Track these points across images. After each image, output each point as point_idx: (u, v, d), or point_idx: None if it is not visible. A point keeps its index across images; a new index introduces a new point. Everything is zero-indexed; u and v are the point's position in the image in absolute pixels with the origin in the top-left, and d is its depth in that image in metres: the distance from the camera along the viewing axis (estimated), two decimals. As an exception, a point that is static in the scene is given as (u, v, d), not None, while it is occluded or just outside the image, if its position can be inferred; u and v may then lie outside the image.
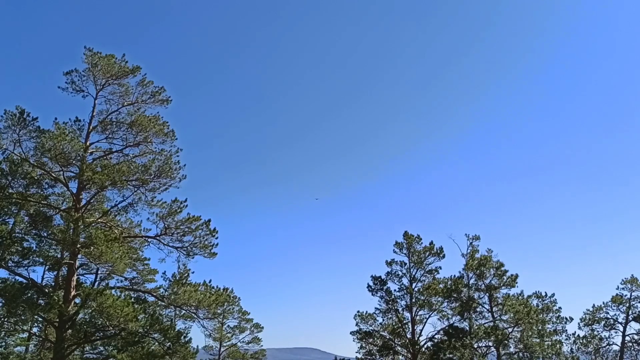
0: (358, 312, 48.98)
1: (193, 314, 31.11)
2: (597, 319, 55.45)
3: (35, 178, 30.05)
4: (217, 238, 30.58)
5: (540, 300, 49.69)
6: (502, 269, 47.85)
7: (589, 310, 55.87)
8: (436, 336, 46.97)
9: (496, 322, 46.68)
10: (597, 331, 55.22)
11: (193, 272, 31.94)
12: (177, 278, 31.73)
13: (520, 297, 47.67)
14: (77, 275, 30.37)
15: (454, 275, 48.88)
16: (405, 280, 49.08)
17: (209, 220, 30.52)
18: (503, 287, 47.79)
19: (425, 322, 47.58)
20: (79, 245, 28.56)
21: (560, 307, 49.60)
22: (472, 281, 48.57)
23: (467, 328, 46.15)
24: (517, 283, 47.79)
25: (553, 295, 50.01)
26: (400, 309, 48.15)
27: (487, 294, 47.76)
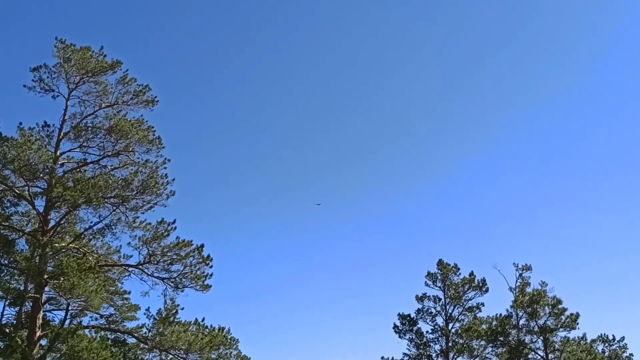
0: (382, 358, 48.78)
1: (182, 360, 31.17)
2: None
3: (-5, 194, 30.30)
4: (211, 267, 30.89)
5: (606, 345, 49.20)
6: (560, 306, 47.68)
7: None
8: (478, 389, 47.10)
9: (553, 372, 46.45)
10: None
11: (182, 309, 32.16)
12: (163, 316, 31.88)
13: (582, 342, 47.45)
14: (43, 311, 30.50)
15: (500, 314, 48.83)
16: (439, 320, 49.08)
17: (202, 246, 30.74)
18: (561, 329, 47.73)
19: (465, 372, 47.14)
20: (46, 276, 28.76)
21: (631, 354, 49.20)
22: (522, 321, 48.36)
23: (517, 379, 45.86)
24: (578, 324, 47.65)
25: (623, 339, 49.50)
26: (433, 355, 48.07)
27: (542, 337, 47.35)
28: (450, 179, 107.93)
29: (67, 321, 33.37)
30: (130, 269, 31.79)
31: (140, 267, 30.95)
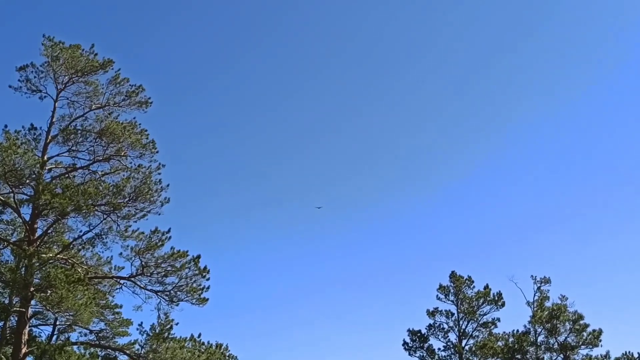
0: (391, 377, 48.29)
1: (177, 379, 30.94)
2: None
3: (-22, 202, 30.13)
4: (208, 279, 30.70)
5: (632, 363, 49.16)
6: (582, 322, 47.50)
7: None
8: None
9: (574, 392, 45.99)
10: None
11: (177, 324, 32.06)
12: (157, 331, 31.73)
13: (605, 360, 46.97)
14: (29, 326, 30.37)
15: (517, 330, 48.57)
16: (452, 336, 48.73)
17: (198, 257, 30.55)
18: (582, 347, 47.35)
19: (480, 392, 46.90)
20: (32, 289, 28.56)
21: (658, 374, 48.98)
22: (541, 338, 48.04)
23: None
24: (601, 341, 47.33)
25: (649, 357, 49.41)
26: (446, 374, 47.52)
27: (562, 355, 46.96)
28: (464, 186, 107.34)
29: (55, 337, 33.71)
30: (122, 281, 31.58)
31: (132, 279, 30.74)
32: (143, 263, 30.35)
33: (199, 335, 32.86)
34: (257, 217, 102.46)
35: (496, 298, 48.14)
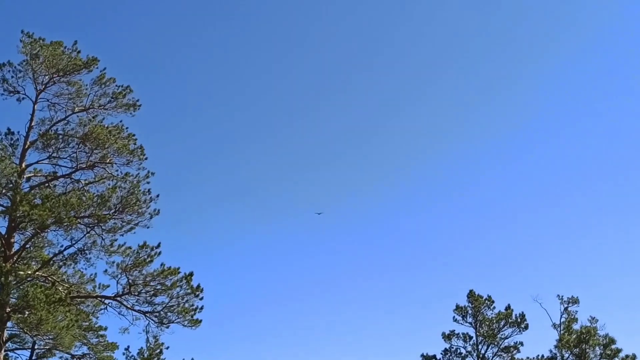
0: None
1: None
2: None
3: (-51, 214, 29.95)
4: (202, 299, 30.26)
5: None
6: (613, 347, 46.81)
7: None
8: None
9: None
10: None
11: (168, 348, 32.55)
12: (146, 356, 32.18)
13: (640, 389, 46.47)
14: (5, 351, 30.01)
15: (542, 356, 47.78)
16: (471, 362, 47.21)
17: (191, 274, 30.19)
18: (615, 373, 46.22)
19: None
20: (8, 309, 28.05)
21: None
22: (569, 364, 46.48)
23: None
24: (635, 367, 46.36)
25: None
26: (464, 403, 47.02)
27: (591, 382, 46.32)
28: (483, 198, 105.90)
29: (33, 363, 33.16)
30: (107, 301, 31.19)
31: (118, 298, 30.46)
32: (130, 281, 30.05)
33: (192, 360, 31.65)
34: (260, 231, 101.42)
35: (519, 320, 47.46)
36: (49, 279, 30.26)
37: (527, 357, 48.24)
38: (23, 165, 30.49)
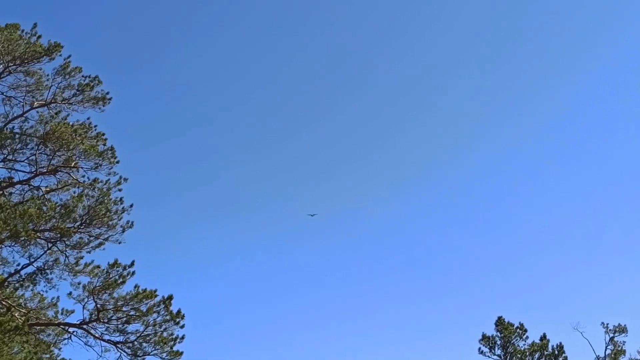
0: None
1: None
2: None
3: None
4: (183, 326, 29.60)
5: None
6: None
7: None
8: None
9: None
10: None
11: None
12: None
13: None
14: None
15: (584, 394, 47.06)
16: (499, 400, 46.92)
17: (170, 298, 29.41)
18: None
19: None
20: (-45, 339, 27.87)
21: None
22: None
23: None
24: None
25: None
26: None
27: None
28: (511, 209, 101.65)
29: (-16, 402, 32.53)
30: (71, 329, 30.52)
31: (85, 326, 29.74)
32: (99, 306, 29.36)
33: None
34: (255, 243, 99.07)
35: (556, 352, 46.63)
36: (3, 303, 29.38)
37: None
38: (-28, 170, 29.96)
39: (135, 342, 29.35)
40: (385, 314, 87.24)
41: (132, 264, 29.28)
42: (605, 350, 47.89)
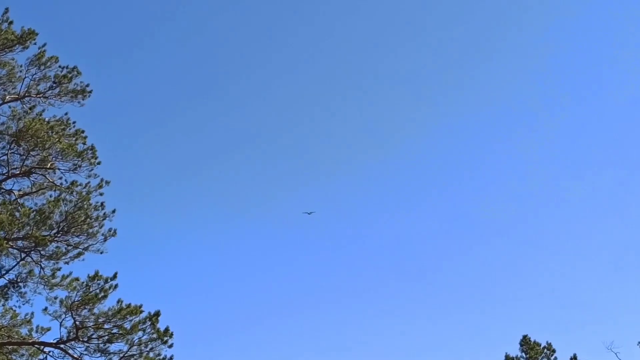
0: None
1: None
2: None
3: None
4: (171, 346, 28.80)
5: None
6: None
7: None
8: None
9: None
10: None
11: None
12: None
13: None
14: None
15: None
16: None
17: (158, 314, 28.67)
18: None
19: None
20: None
21: None
22: None
23: None
24: None
25: None
26: None
27: None
28: (536, 216, 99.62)
29: None
30: (47, 348, 29.75)
31: (62, 346, 28.92)
32: (77, 323, 28.45)
33: None
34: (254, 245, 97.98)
35: None
36: (-29, 319, 29.05)
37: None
38: (-64, 172, 29.70)
39: (119, 364, 29.53)
40: (401, 329, 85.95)
41: (115, 276, 28.61)
42: (644, 372, 46.86)
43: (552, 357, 45.15)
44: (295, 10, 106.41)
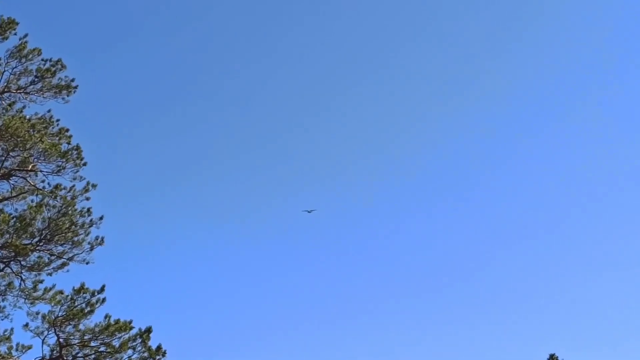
0: None
1: None
2: None
3: None
4: None
5: None
6: None
7: None
8: None
9: None
10: None
11: None
12: None
13: None
14: None
15: None
16: None
17: (149, 330, 28.95)
18: None
19: None
20: None
21: None
22: None
23: None
24: None
25: None
26: None
27: None
28: (561, 234, 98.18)
29: None
30: None
31: None
32: (61, 340, 28.79)
33: None
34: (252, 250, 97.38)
35: None
36: (-55, 336, 28.50)
37: None
38: None
39: (107, 384, 28.46)
40: (420, 342, 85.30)
41: (102, 289, 28.96)
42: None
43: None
44: (294, 5, 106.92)
